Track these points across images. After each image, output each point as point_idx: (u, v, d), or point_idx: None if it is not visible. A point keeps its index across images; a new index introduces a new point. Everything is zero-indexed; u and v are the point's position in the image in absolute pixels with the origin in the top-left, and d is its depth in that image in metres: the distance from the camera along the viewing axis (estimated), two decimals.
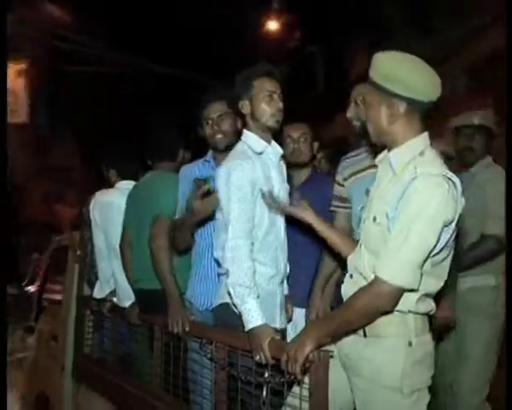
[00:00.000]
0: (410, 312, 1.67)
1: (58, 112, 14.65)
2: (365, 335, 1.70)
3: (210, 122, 2.50)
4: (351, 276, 1.80)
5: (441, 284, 1.71)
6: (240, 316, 1.96)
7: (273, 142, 2.29)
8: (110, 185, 3.26)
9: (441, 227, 1.58)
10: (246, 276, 1.97)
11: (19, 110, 7.52)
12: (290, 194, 2.35)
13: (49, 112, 14.28)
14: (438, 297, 1.79)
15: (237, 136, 2.39)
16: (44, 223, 11.74)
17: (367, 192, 1.99)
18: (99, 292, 3.24)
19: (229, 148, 2.37)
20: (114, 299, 3.09)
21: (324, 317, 2.32)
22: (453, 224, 1.62)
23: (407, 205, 1.58)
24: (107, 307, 3.20)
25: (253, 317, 1.90)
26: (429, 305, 1.72)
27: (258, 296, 1.97)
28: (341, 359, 1.79)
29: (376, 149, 1.96)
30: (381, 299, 1.60)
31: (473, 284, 2.76)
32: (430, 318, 1.77)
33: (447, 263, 1.72)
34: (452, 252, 1.72)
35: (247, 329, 1.90)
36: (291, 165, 2.77)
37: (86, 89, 13.24)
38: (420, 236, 1.56)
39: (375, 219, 1.70)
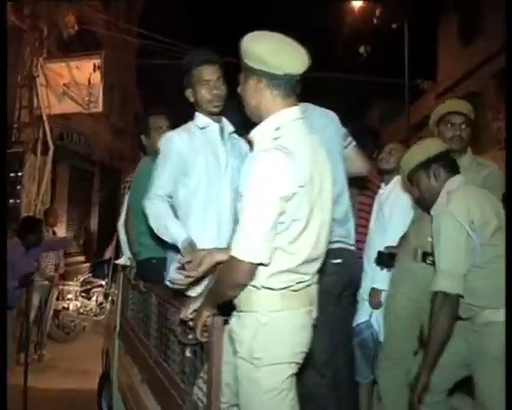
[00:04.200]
0: (263, 287, 1.72)
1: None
2: (236, 309, 1.82)
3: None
4: None
5: (300, 260, 1.72)
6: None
7: (224, 120, 2.52)
8: None
9: (277, 200, 1.62)
10: (162, 223, 2.34)
11: (96, 101, 8.43)
12: None
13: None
14: None
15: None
16: None
17: None
18: (122, 259, 3.67)
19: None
20: None
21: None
22: (296, 196, 1.64)
23: (245, 181, 1.68)
24: (132, 274, 3.52)
25: (179, 235, 2.25)
26: (286, 281, 1.72)
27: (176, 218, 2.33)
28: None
29: None
30: (232, 273, 1.70)
31: (486, 318, 2.28)
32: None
33: (307, 239, 1.73)
34: (319, 228, 1.75)
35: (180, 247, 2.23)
36: None
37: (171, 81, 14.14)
38: (256, 210, 1.63)
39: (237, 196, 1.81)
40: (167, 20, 12.64)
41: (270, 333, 1.72)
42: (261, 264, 1.68)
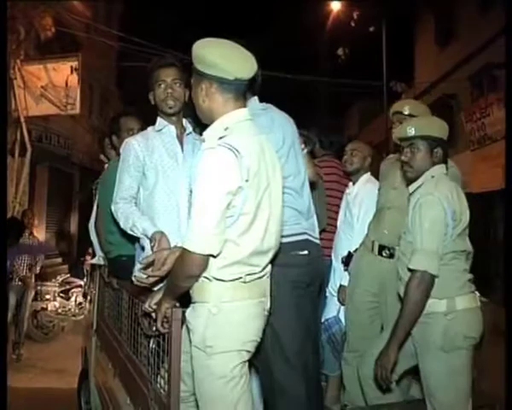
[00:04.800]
0: (214, 279, 1.82)
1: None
2: (191, 300, 1.91)
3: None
4: None
5: (249, 251, 1.82)
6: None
7: (185, 121, 2.68)
8: None
9: (224, 194, 1.73)
10: (131, 222, 2.46)
11: (74, 103, 8.50)
12: None
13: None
14: None
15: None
16: None
17: None
18: (95, 259, 3.78)
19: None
20: None
21: None
22: (242, 191, 1.76)
23: (196, 177, 1.80)
24: (106, 272, 3.63)
25: (148, 229, 2.37)
26: (237, 273, 1.82)
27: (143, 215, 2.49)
28: None
29: None
30: (185, 265, 1.81)
31: (428, 309, 2.37)
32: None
33: (256, 232, 1.84)
34: (269, 222, 1.87)
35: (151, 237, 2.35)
36: None
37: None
38: (203, 204, 1.74)
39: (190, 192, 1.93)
40: (147, 22, 12.73)
41: (221, 323, 1.82)
42: (211, 255, 1.78)
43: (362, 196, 3.40)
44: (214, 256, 1.79)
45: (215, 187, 1.75)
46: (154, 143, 2.60)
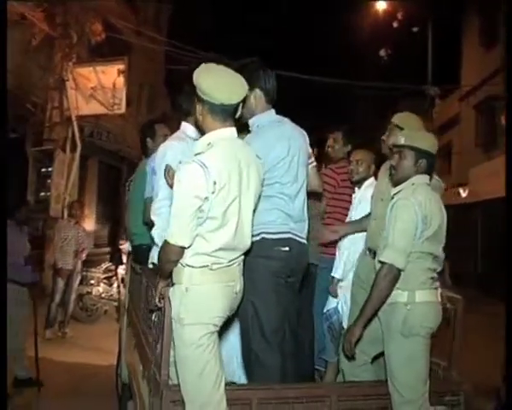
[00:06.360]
0: (186, 265, 2.24)
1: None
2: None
3: None
4: None
5: (215, 247, 2.23)
6: None
7: None
8: None
9: (191, 200, 2.14)
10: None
11: (120, 103, 9.11)
12: None
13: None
14: None
15: None
16: None
17: None
18: (126, 246, 4.27)
19: None
20: None
21: None
22: (208, 200, 2.15)
23: (175, 185, 2.21)
24: (131, 258, 4.12)
25: None
26: (203, 261, 2.23)
27: None
28: None
29: None
30: (165, 252, 2.26)
31: (392, 298, 2.67)
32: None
33: (224, 233, 2.23)
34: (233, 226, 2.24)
35: None
36: None
37: None
38: (177, 207, 2.18)
39: None
40: (194, 27, 13.24)
41: (191, 300, 2.23)
42: (183, 247, 2.21)
43: (364, 200, 3.64)
44: (186, 247, 2.22)
45: (185, 194, 2.17)
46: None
